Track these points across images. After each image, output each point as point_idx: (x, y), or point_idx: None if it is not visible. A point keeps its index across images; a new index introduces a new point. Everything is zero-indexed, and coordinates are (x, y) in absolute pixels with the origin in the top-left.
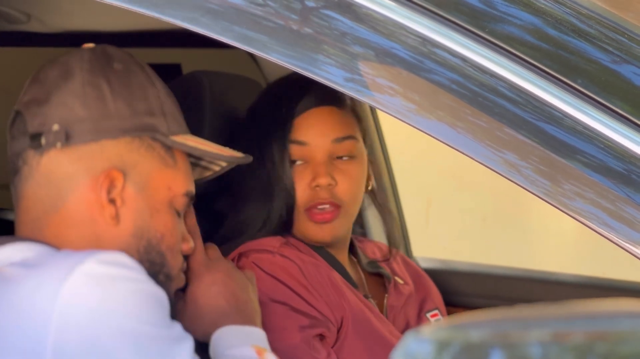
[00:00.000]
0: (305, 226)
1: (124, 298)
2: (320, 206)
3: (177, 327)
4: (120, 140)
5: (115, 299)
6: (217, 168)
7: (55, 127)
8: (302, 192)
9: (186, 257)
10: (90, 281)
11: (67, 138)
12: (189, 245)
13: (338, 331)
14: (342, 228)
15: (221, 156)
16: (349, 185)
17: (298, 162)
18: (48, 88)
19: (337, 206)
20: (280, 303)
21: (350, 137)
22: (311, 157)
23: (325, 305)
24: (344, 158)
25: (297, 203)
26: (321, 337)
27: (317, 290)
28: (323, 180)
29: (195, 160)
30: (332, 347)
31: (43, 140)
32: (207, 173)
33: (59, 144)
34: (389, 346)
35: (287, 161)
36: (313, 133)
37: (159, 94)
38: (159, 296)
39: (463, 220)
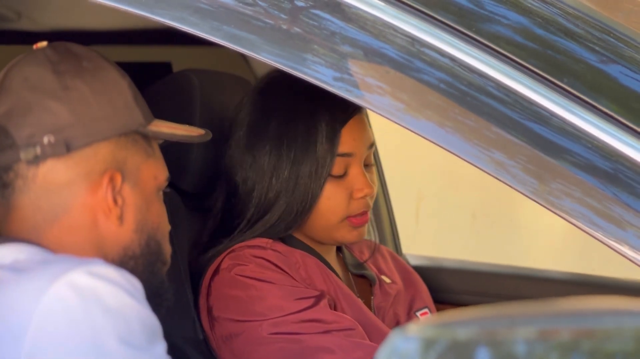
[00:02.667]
0: (340, 231)
1: (104, 314)
2: (360, 214)
3: (158, 349)
4: (110, 139)
5: (94, 314)
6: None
7: (50, 137)
8: (343, 202)
9: None
10: (73, 291)
11: (67, 147)
12: (169, 227)
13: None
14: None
15: (193, 137)
16: (376, 190)
17: (336, 174)
18: (26, 98)
19: (368, 210)
20: (275, 283)
21: (374, 143)
22: (350, 166)
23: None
24: (369, 164)
25: (334, 213)
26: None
27: (308, 279)
28: (370, 191)
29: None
30: None
31: (38, 152)
32: None
33: (58, 154)
34: (383, 334)
35: (327, 173)
36: (357, 144)
37: (130, 85)
38: (144, 316)
39: (453, 217)
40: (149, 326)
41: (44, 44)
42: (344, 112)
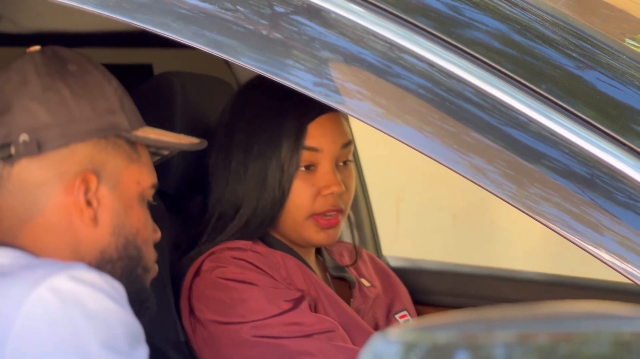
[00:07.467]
0: (306, 230)
1: (86, 319)
2: (329, 213)
3: (140, 353)
4: (88, 142)
5: (76, 318)
6: (165, 152)
7: (24, 136)
8: (309, 199)
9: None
10: (54, 296)
11: (39, 147)
12: (158, 234)
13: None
14: (340, 230)
15: (182, 144)
16: (352, 189)
17: (304, 168)
18: (7, 97)
19: (341, 211)
20: (256, 285)
21: (351, 142)
22: (319, 162)
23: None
24: (346, 163)
25: (299, 209)
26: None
27: (289, 278)
28: (338, 188)
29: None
30: None
31: (12, 151)
32: (155, 158)
33: (30, 154)
34: (365, 333)
35: (295, 167)
36: (326, 140)
37: (116, 91)
38: (127, 321)
39: (433, 218)
40: (131, 330)
41: (36, 48)
42: (314, 109)
